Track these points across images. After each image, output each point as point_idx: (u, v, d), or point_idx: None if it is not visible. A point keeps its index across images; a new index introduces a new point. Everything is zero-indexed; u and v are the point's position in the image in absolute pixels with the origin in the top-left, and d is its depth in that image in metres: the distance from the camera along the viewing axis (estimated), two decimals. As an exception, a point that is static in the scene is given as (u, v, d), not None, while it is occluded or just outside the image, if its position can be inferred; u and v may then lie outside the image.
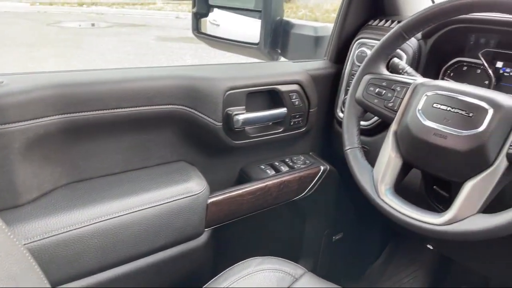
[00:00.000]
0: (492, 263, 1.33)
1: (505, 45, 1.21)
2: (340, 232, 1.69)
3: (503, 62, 1.23)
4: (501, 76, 1.23)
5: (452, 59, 1.31)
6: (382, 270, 1.82)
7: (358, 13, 1.43)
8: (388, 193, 1.00)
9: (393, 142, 1.02)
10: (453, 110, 0.92)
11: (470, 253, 1.36)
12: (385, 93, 1.06)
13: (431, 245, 1.51)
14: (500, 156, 0.86)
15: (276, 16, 1.67)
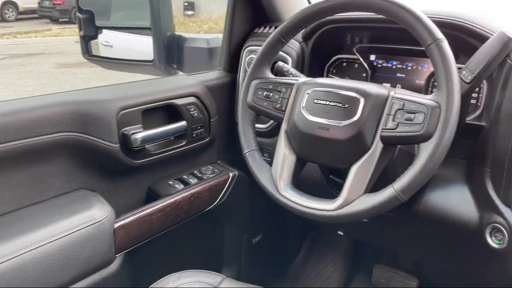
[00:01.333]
0: (395, 240, 1.45)
1: (376, 39, 1.34)
2: (259, 234, 1.73)
3: (376, 55, 1.36)
4: (376, 68, 1.36)
5: (333, 57, 1.42)
6: (304, 264, 1.90)
7: (244, 22, 1.50)
8: (287, 188, 1.05)
9: (285, 140, 1.08)
10: (332, 104, 1.01)
11: (375, 233, 1.48)
12: (272, 95, 1.12)
13: (341, 231, 1.62)
14: (375, 139, 0.95)
15: (167, 32, 1.68)
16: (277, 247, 1.84)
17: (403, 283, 1.67)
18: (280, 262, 1.87)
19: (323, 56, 1.42)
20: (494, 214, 1.06)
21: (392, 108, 0.95)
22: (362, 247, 1.85)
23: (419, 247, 1.38)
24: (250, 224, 1.67)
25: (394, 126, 0.93)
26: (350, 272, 1.82)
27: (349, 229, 1.58)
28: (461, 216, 1.14)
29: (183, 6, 13.36)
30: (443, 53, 0.88)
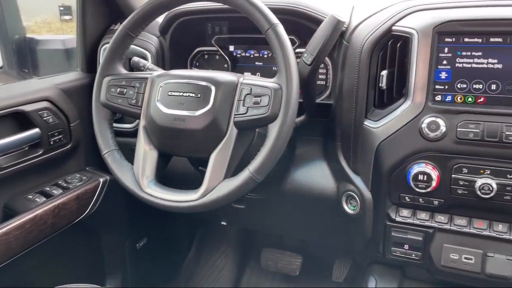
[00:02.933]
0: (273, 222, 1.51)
1: (234, 29, 1.37)
2: (143, 237, 1.68)
3: (235, 45, 1.39)
4: (236, 58, 1.39)
5: (194, 50, 1.42)
6: (196, 260, 1.89)
7: (97, 20, 1.42)
8: (151, 185, 1.03)
9: (144, 136, 1.05)
10: (185, 95, 1.00)
11: (253, 219, 1.52)
12: (127, 91, 1.08)
13: (224, 221, 1.64)
14: (229, 125, 0.97)
15: (15, 35, 1.54)
16: (166, 248, 1.81)
17: (289, 262, 1.75)
18: (171, 263, 1.84)
19: (184, 49, 1.41)
20: (347, 183, 1.15)
21: (242, 93, 0.97)
22: (251, 234, 1.90)
23: (292, 223, 1.45)
24: (132, 228, 1.61)
25: (245, 110, 0.96)
26: (241, 260, 1.86)
27: (231, 218, 1.61)
28: (323, 189, 1.22)
29: (59, 10, 12.37)
30: (279, 37, 0.93)
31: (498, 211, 0.98)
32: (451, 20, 0.95)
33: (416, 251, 1.06)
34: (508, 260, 0.98)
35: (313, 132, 1.26)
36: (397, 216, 1.08)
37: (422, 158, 1.01)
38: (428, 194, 1.01)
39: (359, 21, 1.11)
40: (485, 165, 0.96)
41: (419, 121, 1.00)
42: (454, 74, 0.97)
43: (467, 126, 0.95)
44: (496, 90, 0.95)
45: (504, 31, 0.92)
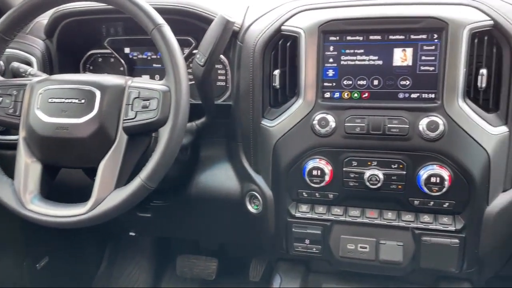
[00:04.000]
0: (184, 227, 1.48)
1: (129, 30, 1.30)
2: (44, 257, 1.55)
3: (130, 47, 1.33)
4: (133, 61, 1.34)
5: (86, 53, 1.34)
6: (108, 274, 1.79)
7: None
8: (35, 201, 0.95)
9: (25, 148, 0.97)
10: (68, 101, 0.93)
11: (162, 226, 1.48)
12: (3, 100, 0.99)
13: (132, 231, 1.57)
14: (118, 132, 0.92)
15: None
16: (72, 266, 1.69)
17: (205, 266, 1.73)
18: (79, 281, 1.72)
19: (75, 53, 1.33)
20: (250, 183, 1.15)
21: (130, 97, 0.93)
22: (165, 242, 1.85)
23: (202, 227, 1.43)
24: (30, 247, 1.48)
25: (134, 115, 0.92)
26: (156, 270, 1.80)
27: (139, 228, 1.54)
28: (228, 190, 1.21)
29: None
30: (165, 37, 0.90)
31: (386, 200, 1.04)
32: (334, 19, 0.99)
33: (316, 245, 1.09)
34: (398, 246, 1.04)
35: (216, 133, 1.25)
36: (296, 212, 1.10)
37: (315, 154, 1.04)
38: (323, 188, 1.04)
39: (251, 21, 1.12)
40: (372, 157, 1.01)
41: (310, 118, 1.02)
42: (340, 71, 1.01)
43: (354, 121, 1.00)
44: (378, 86, 1.00)
45: (382, 29, 0.97)
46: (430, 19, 0.93)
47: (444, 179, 0.95)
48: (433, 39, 0.95)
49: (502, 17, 0.92)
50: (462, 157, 0.96)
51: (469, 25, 0.92)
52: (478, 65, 0.96)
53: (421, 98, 0.97)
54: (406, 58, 0.97)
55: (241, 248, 1.70)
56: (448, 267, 1.03)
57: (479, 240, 1.00)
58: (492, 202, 0.98)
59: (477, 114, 0.95)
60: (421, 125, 0.96)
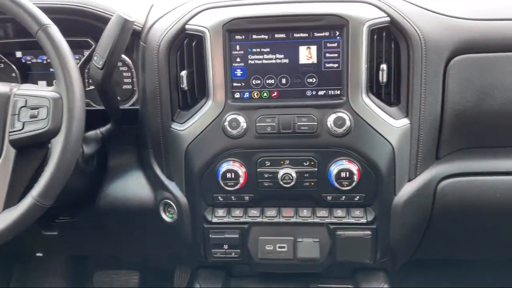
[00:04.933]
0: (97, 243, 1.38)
1: (21, 32, 1.18)
2: None
3: (22, 51, 1.21)
4: (27, 66, 1.21)
5: (-30, 59, 1.19)
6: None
7: None
8: None
9: None
10: None
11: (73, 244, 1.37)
12: None
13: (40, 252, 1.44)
14: (4, 145, 0.83)
15: None
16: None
17: (125, 281, 1.63)
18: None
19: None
20: (163, 191, 1.10)
21: (16, 106, 0.84)
22: (81, 259, 1.72)
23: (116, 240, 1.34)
24: None
25: (21, 126, 0.83)
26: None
27: (46, 248, 1.42)
28: (141, 200, 1.15)
29: None
30: (52, 39, 0.82)
31: (301, 198, 1.04)
32: (238, 17, 0.96)
33: (235, 249, 1.07)
34: (315, 242, 1.04)
35: (125, 140, 1.17)
36: (213, 217, 1.06)
37: (229, 156, 1.01)
38: (238, 190, 1.02)
39: (154, 20, 1.06)
40: (284, 156, 1.00)
41: (221, 119, 0.99)
42: (248, 71, 0.99)
43: (265, 120, 0.98)
44: (286, 84, 0.99)
45: (286, 27, 0.97)
46: (331, 17, 0.95)
47: (353, 174, 0.98)
48: (335, 36, 0.96)
49: (398, 13, 0.96)
50: (369, 150, 0.98)
51: (367, 22, 0.94)
52: (379, 60, 0.99)
53: (328, 95, 0.99)
54: (311, 55, 0.98)
55: (163, 258, 1.63)
56: (362, 258, 1.06)
57: (390, 230, 1.04)
58: (399, 193, 1.02)
59: (380, 108, 0.98)
60: (329, 122, 0.97)
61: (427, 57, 0.96)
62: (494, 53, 0.99)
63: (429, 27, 0.97)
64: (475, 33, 0.98)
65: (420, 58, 0.96)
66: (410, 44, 0.96)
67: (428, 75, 0.97)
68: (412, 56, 0.96)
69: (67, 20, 0.92)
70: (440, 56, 0.97)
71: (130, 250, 1.45)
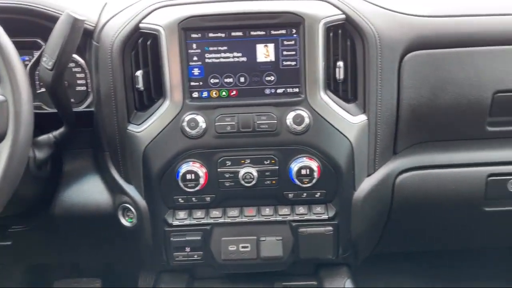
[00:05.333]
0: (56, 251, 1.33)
1: None
2: None
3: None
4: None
5: None
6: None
7: None
8: None
9: None
10: None
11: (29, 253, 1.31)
12: None
13: None
14: None
15: None
16: None
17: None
18: None
19: None
20: (121, 195, 1.07)
21: None
22: (39, 268, 1.65)
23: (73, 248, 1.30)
24: None
25: None
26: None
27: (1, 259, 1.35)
28: (98, 205, 1.11)
29: None
30: None
31: (263, 196, 1.04)
32: (193, 15, 0.95)
33: (197, 251, 1.05)
34: (277, 241, 1.04)
35: (81, 144, 1.13)
36: (174, 220, 1.04)
37: (188, 157, 0.99)
38: (199, 192, 1.00)
39: (107, 18, 1.03)
40: (245, 155, 1.00)
41: (179, 119, 0.97)
42: (206, 70, 0.98)
43: (224, 119, 0.97)
44: (245, 83, 0.98)
45: (243, 25, 0.96)
46: (287, 14, 0.94)
47: (314, 170, 0.98)
48: (292, 34, 0.96)
49: (353, 11, 0.97)
50: (328, 147, 0.99)
51: (323, 19, 0.95)
52: (336, 58, 1.00)
53: (286, 92, 0.99)
54: (268, 54, 0.97)
55: (126, 264, 1.59)
56: (325, 254, 1.07)
57: (351, 225, 1.06)
58: (359, 188, 1.04)
59: (338, 105, 0.99)
60: (288, 120, 0.97)
61: (382, 54, 0.98)
62: (446, 49, 1.02)
63: (383, 24, 0.99)
64: (427, 30, 1.01)
65: (375, 55, 0.98)
66: (365, 42, 0.97)
67: (384, 71, 0.99)
68: (368, 53, 0.98)
69: (15, 20, 0.87)
70: (394, 53, 0.99)
71: (90, 257, 1.40)
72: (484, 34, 1.02)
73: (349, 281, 1.16)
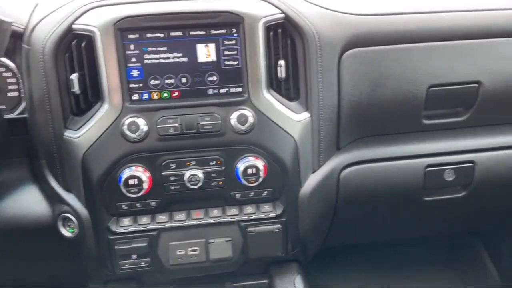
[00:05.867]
0: None
1: None
2: None
3: None
4: None
5: None
6: None
7: None
8: None
9: None
10: None
11: None
12: None
13: None
14: None
15: None
16: None
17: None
18: None
19: None
20: (61, 204, 1.02)
21: None
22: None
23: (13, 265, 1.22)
24: None
25: None
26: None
27: None
28: (36, 216, 1.05)
29: None
30: None
31: (210, 198, 1.02)
32: (129, 15, 0.92)
33: (144, 258, 1.02)
34: (227, 242, 1.04)
35: (15, 152, 1.06)
36: (118, 228, 1.01)
37: (130, 161, 0.96)
38: (143, 197, 0.98)
39: (37, 20, 0.97)
40: (189, 157, 0.98)
41: (119, 123, 0.94)
42: (146, 71, 0.95)
43: (166, 121, 0.95)
44: (187, 83, 0.97)
45: (182, 25, 0.94)
46: (227, 14, 0.94)
47: (260, 169, 0.98)
48: (232, 34, 0.96)
49: (292, 11, 0.98)
50: (273, 145, 1.00)
51: (263, 18, 0.95)
52: (277, 57, 1.00)
53: (230, 92, 0.98)
54: (210, 53, 0.96)
55: (72, 276, 1.52)
56: (274, 252, 1.07)
57: (298, 221, 1.07)
58: (305, 184, 1.05)
59: (281, 103, 1.00)
60: (232, 119, 0.96)
61: (321, 53, 1.00)
62: (383, 46, 1.05)
63: (322, 23, 1.01)
64: (364, 28, 1.04)
65: (315, 53, 0.99)
66: (305, 40, 0.99)
67: (324, 69, 1.01)
68: (308, 51, 0.99)
69: None
70: (333, 51, 1.02)
71: (32, 271, 1.32)
72: (418, 31, 1.07)
73: (299, 277, 1.18)
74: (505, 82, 1.10)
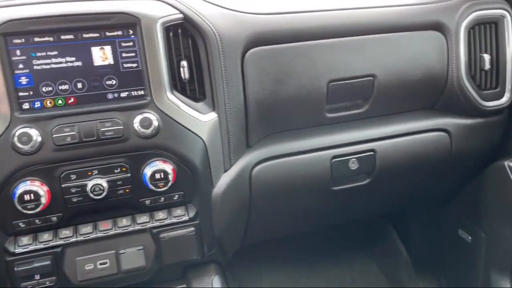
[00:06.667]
0: None
1: None
2: None
3: None
4: None
5: None
6: None
7: None
8: None
9: None
10: None
11: None
12: None
13: None
14: None
15: None
16: None
17: None
18: None
19: None
20: None
21: None
22: None
23: None
24: None
25: None
26: None
27: None
28: None
29: None
30: None
31: (118, 207, 0.98)
32: (13, 19, 0.85)
33: (49, 277, 0.95)
34: (138, 251, 1.00)
35: None
36: (16, 248, 0.93)
37: (25, 175, 0.89)
38: (42, 212, 0.91)
39: None
40: (91, 166, 0.93)
41: (9, 135, 0.86)
42: (36, 78, 0.88)
43: (63, 130, 0.89)
44: (83, 89, 0.92)
45: (73, 27, 0.89)
46: (121, 15, 0.90)
47: (168, 173, 0.96)
48: (129, 35, 0.92)
49: (191, 10, 0.97)
50: (181, 148, 0.98)
51: (160, 19, 0.93)
52: (179, 57, 0.99)
53: (131, 96, 0.94)
54: (106, 56, 0.92)
55: None
56: (190, 255, 1.05)
57: (213, 222, 1.06)
58: (217, 184, 1.05)
59: (187, 104, 0.98)
60: (135, 124, 0.93)
61: (224, 52, 1.00)
62: (283, 44, 1.08)
63: (222, 23, 1.01)
64: (264, 27, 1.06)
65: (218, 53, 0.99)
66: (206, 40, 0.98)
67: (227, 68, 1.01)
68: (210, 51, 0.99)
69: None
70: (235, 50, 1.02)
71: None
72: (316, 29, 1.11)
73: (217, 277, 1.17)
74: (396, 74, 1.18)
